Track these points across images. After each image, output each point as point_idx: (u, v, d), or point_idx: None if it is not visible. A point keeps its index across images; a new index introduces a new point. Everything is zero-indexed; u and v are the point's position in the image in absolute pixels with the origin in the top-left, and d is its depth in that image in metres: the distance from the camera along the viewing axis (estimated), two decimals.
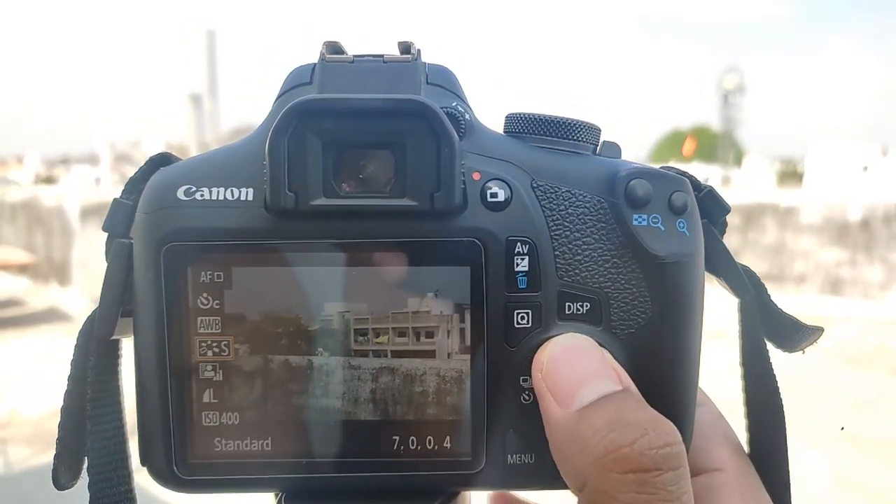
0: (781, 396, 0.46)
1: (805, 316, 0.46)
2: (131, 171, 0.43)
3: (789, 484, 0.46)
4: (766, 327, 0.46)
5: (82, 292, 7.63)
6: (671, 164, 0.47)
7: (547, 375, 0.38)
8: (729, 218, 0.45)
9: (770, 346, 0.46)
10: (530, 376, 0.40)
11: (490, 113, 0.44)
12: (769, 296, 0.46)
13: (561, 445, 0.37)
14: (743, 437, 0.47)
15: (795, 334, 0.45)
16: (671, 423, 0.36)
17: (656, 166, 0.42)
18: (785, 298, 0.47)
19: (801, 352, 0.46)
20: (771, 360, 0.46)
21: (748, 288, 0.45)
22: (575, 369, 0.38)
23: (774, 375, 0.46)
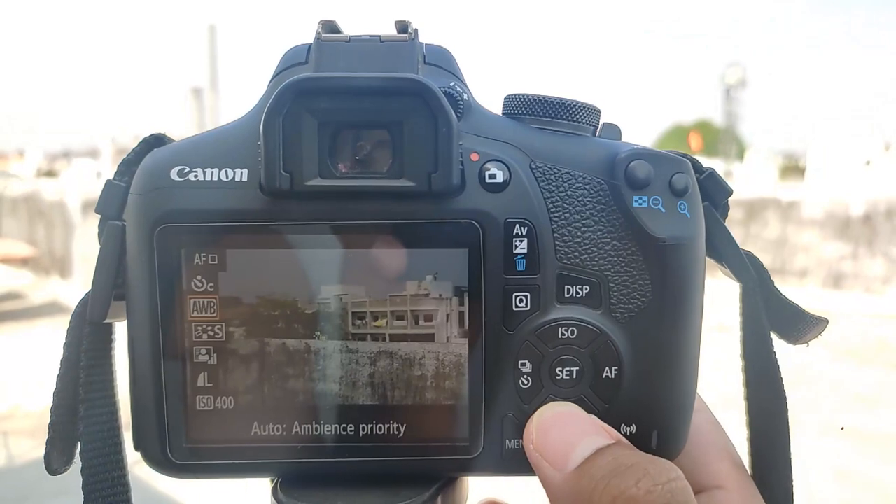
0: (785, 389, 0.44)
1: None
2: None
3: (792, 493, 0.45)
4: (770, 316, 0.44)
5: (83, 285, 7.62)
6: None
7: (538, 444, 0.38)
8: (731, 212, 0.44)
9: (773, 337, 0.45)
10: (529, 360, 0.40)
11: (490, 96, 0.43)
12: (772, 282, 0.44)
13: None
14: (743, 433, 0.46)
15: (799, 324, 0.44)
16: (668, 461, 0.36)
17: (657, 149, 0.42)
18: (787, 292, 0.45)
19: (806, 345, 0.45)
20: (775, 350, 0.44)
21: (751, 272, 0.43)
22: (565, 432, 0.38)
23: (778, 365, 0.44)
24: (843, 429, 4.14)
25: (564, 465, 0.37)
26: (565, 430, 0.38)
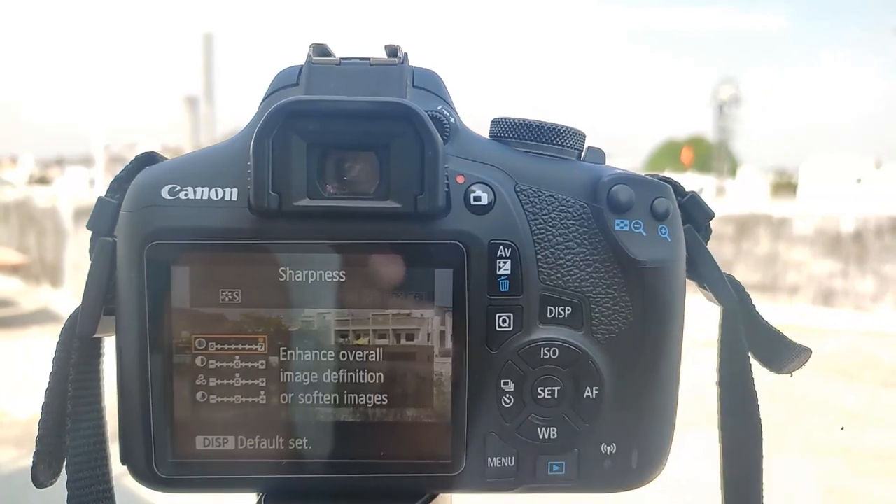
0: (760, 416, 0.43)
1: (797, 327, 0.45)
2: None
3: None
4: (752, 342, 0.44)
5: (74, 294, 7.59)
6: (667, 172, 0.47)
7: None
8: (723, 228, 0.45)
9: (754, 364, 0.44)
10: (511, 379, 0.40)
11: (482, 119, 0.44)
12: (754, 306, 0.44)
13: None
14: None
15: (782, 352, 0.44)
16: None
17: (640, 172, 0.43)
18: (777, 309, 0.45)
19: (789, 375, 0.44)
20: (752, 374, 0.43)
21: (732, 295, 0.43)
22: None
23: (755, 390, 0.43)
24: (842, 429, 4.14)
25: None
26: None
